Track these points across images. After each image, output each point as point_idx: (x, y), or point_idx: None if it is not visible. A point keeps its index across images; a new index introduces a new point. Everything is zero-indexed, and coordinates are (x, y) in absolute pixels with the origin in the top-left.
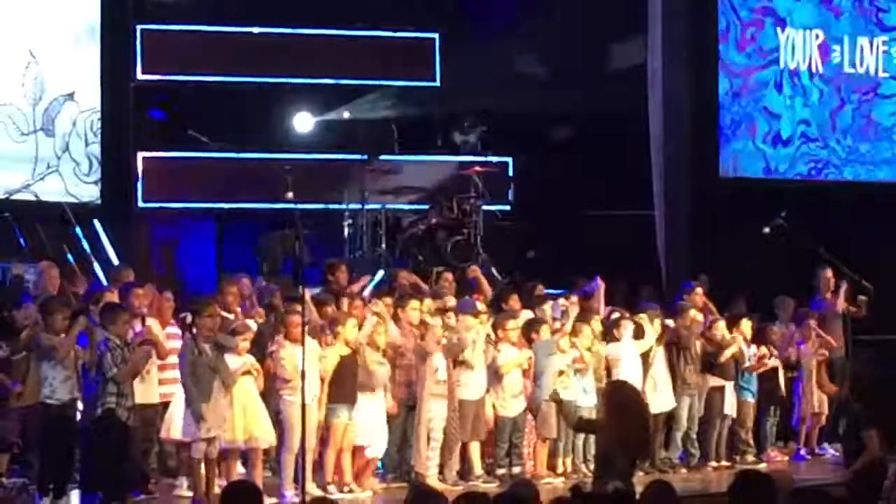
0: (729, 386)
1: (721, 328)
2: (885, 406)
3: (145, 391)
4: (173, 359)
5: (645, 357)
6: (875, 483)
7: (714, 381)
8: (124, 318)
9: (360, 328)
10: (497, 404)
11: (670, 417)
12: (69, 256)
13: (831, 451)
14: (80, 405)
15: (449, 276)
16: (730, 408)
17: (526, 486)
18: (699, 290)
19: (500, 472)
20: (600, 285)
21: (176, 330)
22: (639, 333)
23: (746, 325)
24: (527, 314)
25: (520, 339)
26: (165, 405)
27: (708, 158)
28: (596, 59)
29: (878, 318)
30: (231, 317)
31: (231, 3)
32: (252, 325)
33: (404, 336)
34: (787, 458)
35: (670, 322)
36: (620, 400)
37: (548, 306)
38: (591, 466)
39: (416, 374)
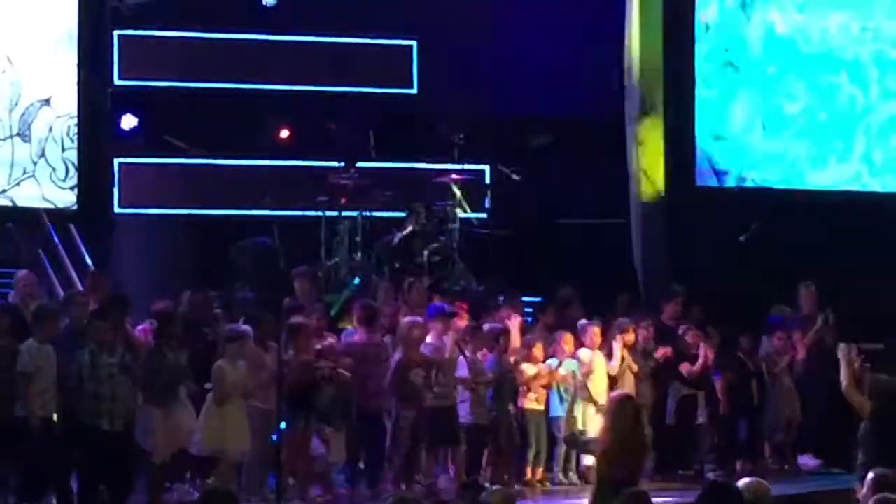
0: (700, 396)
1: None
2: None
3: None
4: None
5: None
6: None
7: (687, 390)
8: (107, 328)
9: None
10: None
11: None
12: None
13: (808, 462)
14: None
15: (420, 286)
16: (702, 417)
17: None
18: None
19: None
20: None
21: None
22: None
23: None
24: None
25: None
26: None
27: (684, 167)
28: (573, 66)
29: (853, 328)
30: None
31: (208, 10)
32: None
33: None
34: (760, 468)
35: None
36: (620, 415)
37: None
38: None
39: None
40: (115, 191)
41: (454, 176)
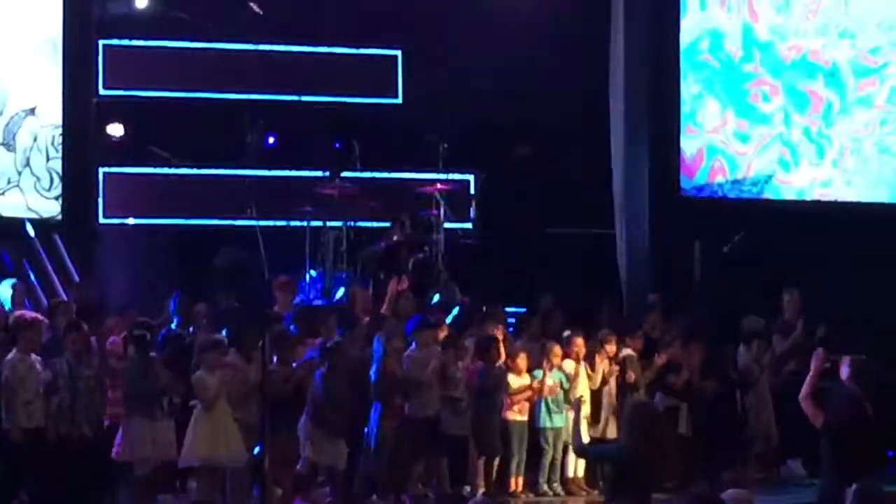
0: (684, 407)
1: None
2: None
3: None
4: None
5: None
6: None
7: (670, 401)
8: (82, 338)
9: None
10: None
11: None
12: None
13: (795, 470)
14: None
15: (409, 295)
16: (685, 428)
17: None
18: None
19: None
20: None
21: None
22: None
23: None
24: None
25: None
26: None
27: (669, 177)
28: (557, 76)
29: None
30: None
31: (193, 20)
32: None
33: None
34: (745, 478)
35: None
36: (643, 421)
37: None
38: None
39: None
40: (100, 201)
41: (439, 186)
